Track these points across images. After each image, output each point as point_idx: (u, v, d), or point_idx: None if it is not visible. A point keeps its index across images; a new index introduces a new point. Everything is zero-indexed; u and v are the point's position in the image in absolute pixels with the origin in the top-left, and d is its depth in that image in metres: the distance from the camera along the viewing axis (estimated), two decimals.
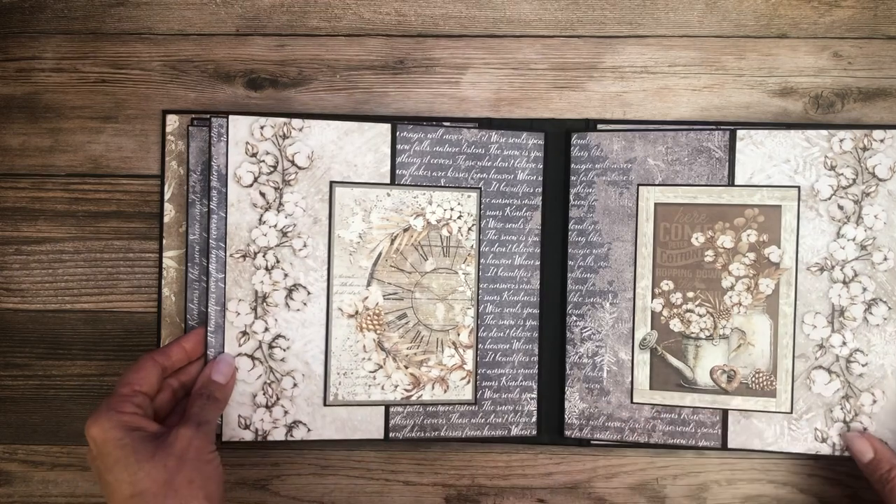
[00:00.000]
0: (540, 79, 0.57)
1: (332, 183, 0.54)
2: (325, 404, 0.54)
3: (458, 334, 0.55)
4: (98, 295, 0.56)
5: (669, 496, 0.57)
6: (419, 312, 0.55)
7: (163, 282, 0.55)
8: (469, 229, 0.55)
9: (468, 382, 0.55)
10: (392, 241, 0.55)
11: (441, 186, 0.55)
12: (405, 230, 0.55)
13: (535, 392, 0.56)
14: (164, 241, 0.55)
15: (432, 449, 0.57)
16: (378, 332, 0.54)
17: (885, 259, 0.53)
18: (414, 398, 0.55)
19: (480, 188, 0.55)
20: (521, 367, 0.56)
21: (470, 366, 0.55)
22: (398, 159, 0.54)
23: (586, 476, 0.57)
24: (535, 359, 0.56)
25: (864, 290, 0.53)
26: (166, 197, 0.55)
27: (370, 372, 0.54)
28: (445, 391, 0.55)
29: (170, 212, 0.55)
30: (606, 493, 0.57)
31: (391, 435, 0.54)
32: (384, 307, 0.54)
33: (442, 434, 0.55)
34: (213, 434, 0.49)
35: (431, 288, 0.55)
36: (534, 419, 0.56)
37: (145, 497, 0.45)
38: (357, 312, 0.54)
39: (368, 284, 0.54)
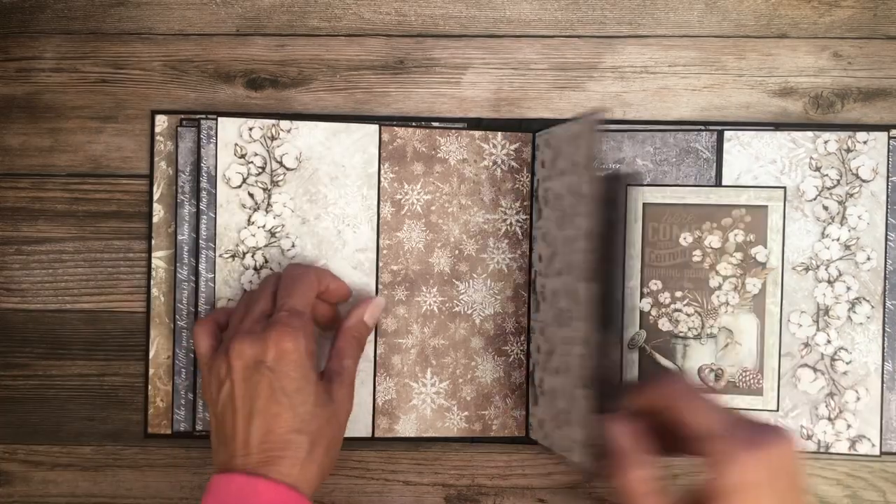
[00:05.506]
0: (540, 79, 0.57)
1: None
2: None
3: None
4: (98, 295, 0.56)
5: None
6: None
7: (152, 282, 0.55)
8: None
9: None
10: None
11: None
12: None
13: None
14: (154, 242, 0.55)
15: (432, 449, 0.57)
16: None
17: (869, 259, 0.54)
18: None
19: None
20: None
21: None
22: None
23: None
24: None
25: (848, 289, 0.54)
26: (155, 197, 0.55)
27: None
28: None
29: (159, 212, 0.55)
30: (607, 493, 0.57)
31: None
32: None
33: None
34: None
35: None
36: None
37: (299, 442, 0.41)
38: None
39: None
